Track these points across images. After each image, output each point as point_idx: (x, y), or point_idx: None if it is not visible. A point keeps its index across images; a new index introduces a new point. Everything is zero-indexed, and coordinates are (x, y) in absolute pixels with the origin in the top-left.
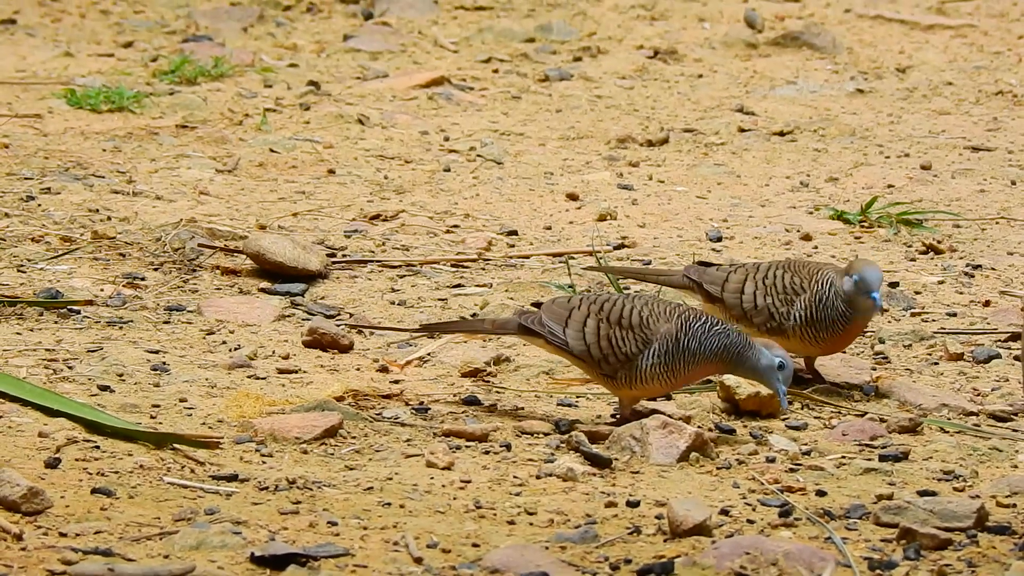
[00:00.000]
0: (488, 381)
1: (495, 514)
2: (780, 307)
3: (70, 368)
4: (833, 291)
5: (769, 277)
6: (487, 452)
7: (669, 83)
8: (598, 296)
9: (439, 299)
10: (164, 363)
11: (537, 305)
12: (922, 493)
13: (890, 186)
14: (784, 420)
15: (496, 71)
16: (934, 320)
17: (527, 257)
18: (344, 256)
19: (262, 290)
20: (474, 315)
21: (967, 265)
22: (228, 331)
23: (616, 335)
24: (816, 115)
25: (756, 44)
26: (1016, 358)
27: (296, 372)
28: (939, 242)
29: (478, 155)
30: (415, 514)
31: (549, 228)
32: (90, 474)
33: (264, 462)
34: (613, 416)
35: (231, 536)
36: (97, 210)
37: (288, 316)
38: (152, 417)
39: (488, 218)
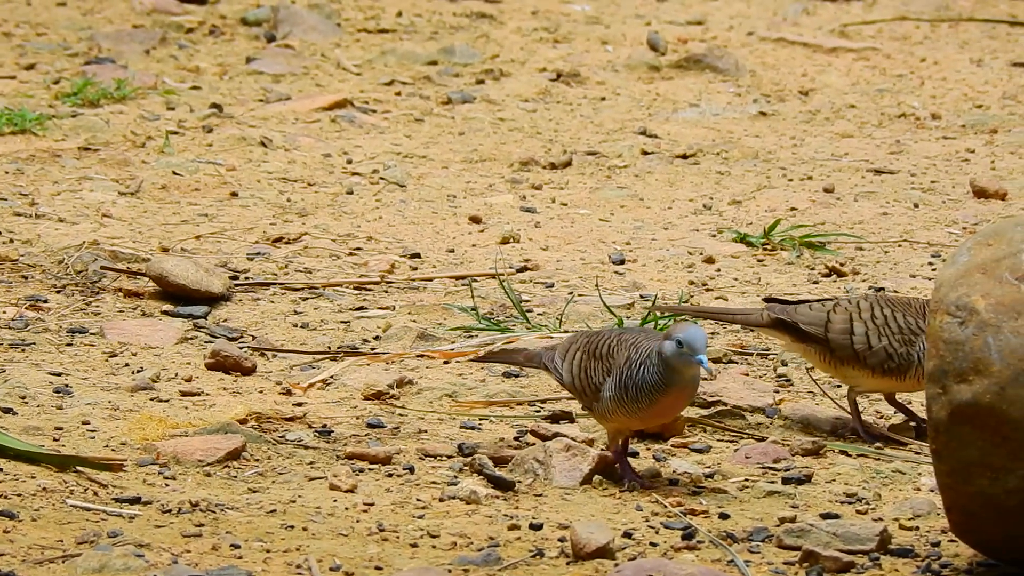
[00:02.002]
0: (391, 404)
1: (398, 537)
2: (899, 348)
3: None
4: None
5: (878, 316)
6: (390, 475)
7: (572, 106)
8: (598, 332)
9: (342, 321)
10: (67, 385)
11: None
12: (825, 516)
13: (793, 209)
14: (687, 443)
15: (399, 94)
16: None
17: (430, 280)
18: (247, 278)
19: (165, 312)
20: (377, 338)
21: (870, 288)
22: (131, 353)
23: (589, 366)
24: (719, 138)
25: (659, 67)
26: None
27: (199, 395)
28: (842, 265)
29: (381, 178)
30: (318, 537)
31: (452, 251)
32: None
33: (167, 485)
34: (518, 441)
35: (134, 559)
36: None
37: (191, 339)
38: (55, 439)
39: (391, 241)
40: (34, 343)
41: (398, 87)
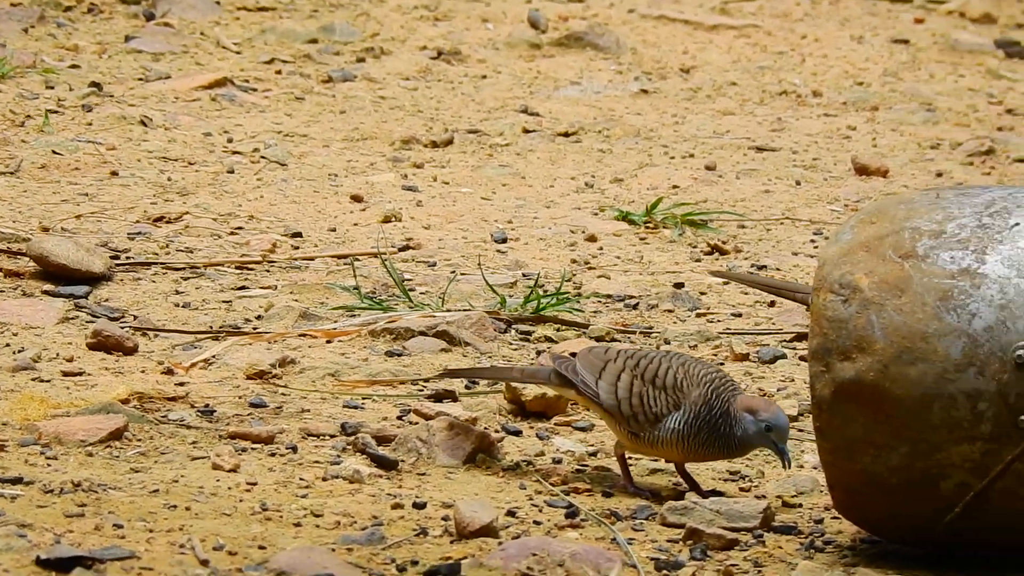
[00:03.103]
0: (273, 383)
1: (281, 516)
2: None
3: None
4: None
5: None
6: (273, 454)
7: (453, 84)
8: (636, 351)
9: (223, 301)
10: None
11: (574, 354)
12: (708, 494)
13: (675, 187)
14: (570, 421)
15: (279, 72)
16: (719, 321)
17: (312, 259)
18: (128, 258)
19: (46, 292)
20: (259, 317)
21: (752, 265)
22: (11, 333)
23: (648, 394)
24: (601, 116)
25: (540, 45)
26: (801, 358)
27: (81, 375)
28: (724, 243)
29: (262, 157)
30: (201, 516)
31: (334, 230)
32: None
33: (49, 465)
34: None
35: (16, 539)
36: None
37: (72, 318)
38: None
39: (272, 220)
40: None
41: (278, 65)
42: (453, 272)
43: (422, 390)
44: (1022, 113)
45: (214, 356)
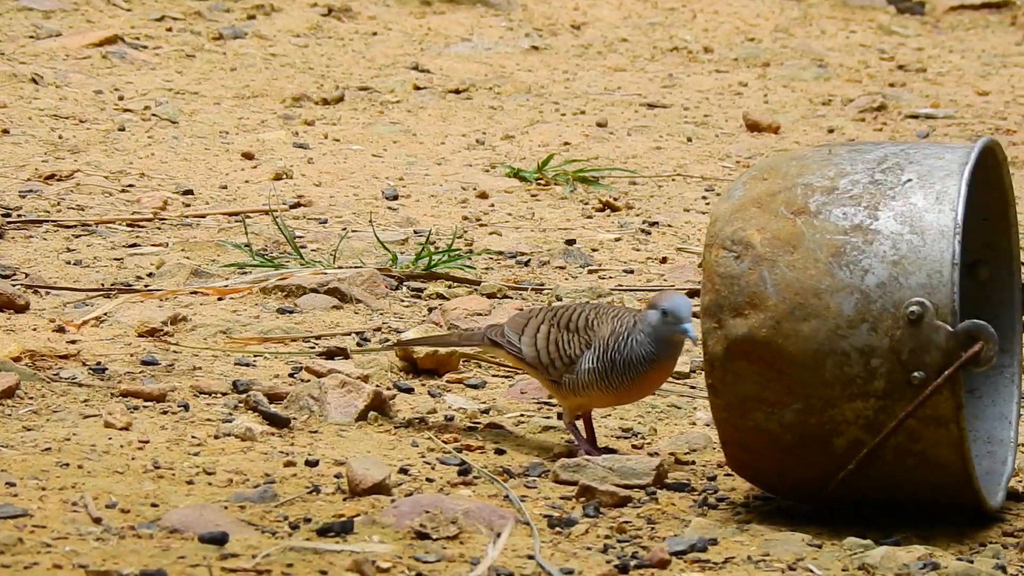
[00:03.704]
0: (165, 341)
1: (174, 474)
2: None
3: None
4: None
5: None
6: (165, 412)
7: (344, 41)
8: (559, 306)
9: (115, 259)
10: None
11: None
12: (602, 450)
13: (566, 143)
14: (462, 378)
15: (170, 29)
16: (611, 277)
17: (203, 216)
18: (19, 216)
19: None
20: (150, 275)
21: (644, 222)
22: None
23: (562, 338)
24: (492, 72)
25: (430, 1)
26: (694, 314)
27: None
28: (616, 199)
29: (153, 114)
30: (94, 474)
31: (225, 187)
32: None
33: None
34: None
35: None
36: None
37: None
38: None
39: (164, 177)
40: None
41: (169, 23)
42: (344, 229)
43: (313, 347)
44: (914, 69)
45: (106, 314)
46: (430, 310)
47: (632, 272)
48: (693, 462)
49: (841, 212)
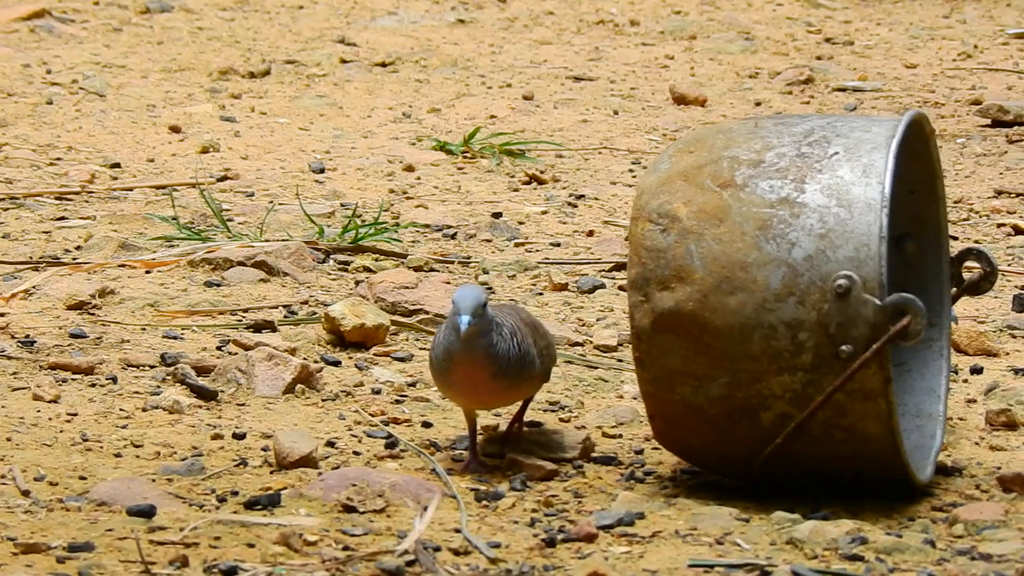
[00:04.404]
0: (94, 314)
1: (102, 447)
2: None
3: None
4: None
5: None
6: (93, 385)
7: (270, 14)
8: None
9: (43, 232)
10: None
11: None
12: (528, 424)
13: (492, 116)
14: (389, 351)
15: (97, 3)
16: (538, 251)
17: (130, 190)
18: None
19: None
20: (78, 248)
21: (570, 195)
22: None
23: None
24: (417, 46)
25: None
26: (621, 288)
27: None
28: (542, 172)
29: (80, 88)
30: (22, 447)
31: (152, 160)
32: None
33: None
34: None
35: None
36: None
37: None
38: None
39: (91, 151)
40: None
41: None
42: (271, 202)
43: (241, 320)
44: (840, 42)
45: (34, 287)
46: (357, 283)
47: (559, 245)
48: (620, 436)
49: (768, 185)
